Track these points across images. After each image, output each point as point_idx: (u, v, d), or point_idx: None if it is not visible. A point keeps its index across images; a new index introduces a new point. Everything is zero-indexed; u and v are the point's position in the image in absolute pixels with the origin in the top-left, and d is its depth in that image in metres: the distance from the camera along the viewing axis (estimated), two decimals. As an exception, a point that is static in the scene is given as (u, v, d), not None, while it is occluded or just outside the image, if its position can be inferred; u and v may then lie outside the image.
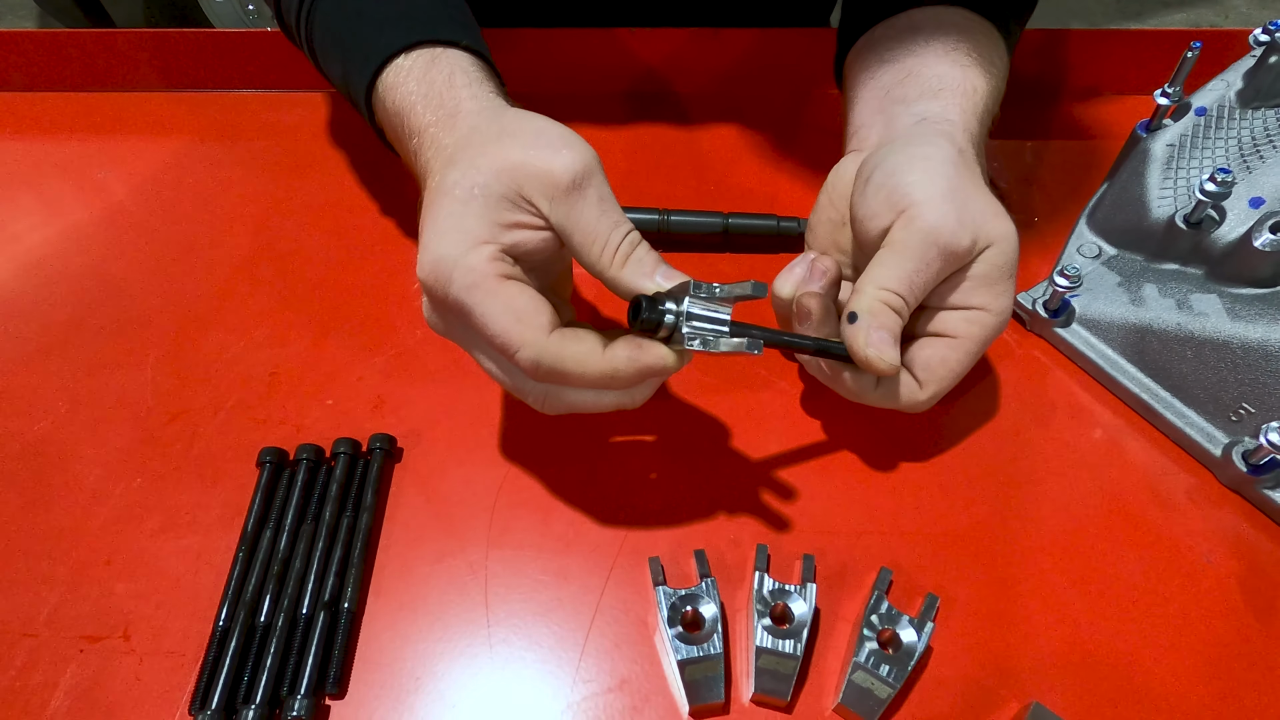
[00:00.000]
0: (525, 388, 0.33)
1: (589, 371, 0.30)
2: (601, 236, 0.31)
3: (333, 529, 0.37)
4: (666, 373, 0.31)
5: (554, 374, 0.31)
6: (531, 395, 0.33)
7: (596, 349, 0.31)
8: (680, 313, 0.30)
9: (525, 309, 0.30)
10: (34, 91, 0.60)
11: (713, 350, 0.30)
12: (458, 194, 0.31)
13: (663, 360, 0.31)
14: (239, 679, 0.32)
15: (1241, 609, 0.35)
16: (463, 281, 0.30)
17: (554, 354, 0.30)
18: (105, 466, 0.40)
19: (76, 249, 0.50)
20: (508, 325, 0.30)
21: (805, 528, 0.38)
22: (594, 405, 0.33)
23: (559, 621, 0.35)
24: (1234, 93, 0.43)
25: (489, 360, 0.34)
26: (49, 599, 0.36)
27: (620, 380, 0.31)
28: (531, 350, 0.30)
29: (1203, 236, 0.41)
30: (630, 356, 0.30)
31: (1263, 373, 0.37)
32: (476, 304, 0.30)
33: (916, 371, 0.36)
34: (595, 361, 0.30)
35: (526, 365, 0.30)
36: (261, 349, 0.45)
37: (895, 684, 0.31)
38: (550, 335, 0.30)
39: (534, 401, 0.33)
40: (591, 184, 0.32)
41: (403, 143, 0.38)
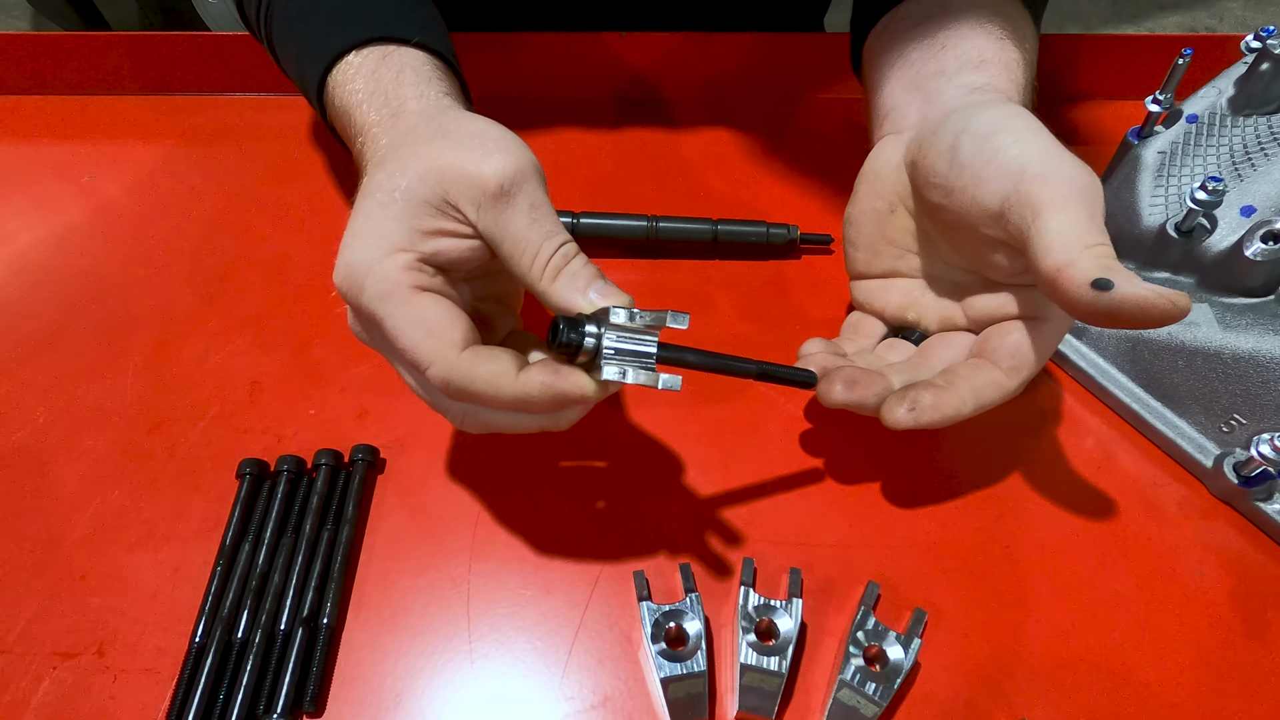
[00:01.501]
0: (443, 405, 0.32)
1: (501, 395, 0.28)
2: (532, 247, 0.30)
3: (313, 542, 0.36)
4: (586, 401, 0.29)
5: (465, 394, 0.29)
6: (450, 412, 0.32)
7: (510, 371, 0.29)
8: (600, 335, 0.28)
9: (437, 323, 0.29)
10: (17, 95, 0.59)
11: (629, 382, 0.28)
12: (379, 197, 0.30)
13: (580, 389, 0.28)
14: (215, 697, 0.32)
15: (1233, 622, 0.35)
16: (374, 290, 0.29)
17: (464, 373, 0.28)
18: (83, 477, 0.39)
19: (57, 255, 0.49)
20: (418, 339, 0.29)
21: (792, 541, 0.37)
22: (514, 427, 0.31)
23: (542, 637, 0.34)
24: (1225, 100, 0.43)
25: (406, 373, 0.32)
26: (22, 614, 0.35)
27: (534, 406, 0.29)
28: (441, 367, 0.28)
29: (1194, 245, 0.40)
30: (545, 383, 0.28)
31: (1254, 383, 0.37)
32: (388, 315, 0.29)
33: (1003, 359, 0.34)
34: (508, 385, 0.28)
35: (438, 383, 0.29)
36: (243, 357, 0.44)
37: (881, 702, 0.31)
38: (462, 353, 0.29)
39: (454, 419, 0.32)
40: (523, 191, 0.30)
41: (350, 142, 0.37)
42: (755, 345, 0.45)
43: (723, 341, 0.45)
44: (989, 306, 0.35)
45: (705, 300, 0.47)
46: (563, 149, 0.55)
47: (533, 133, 0.56)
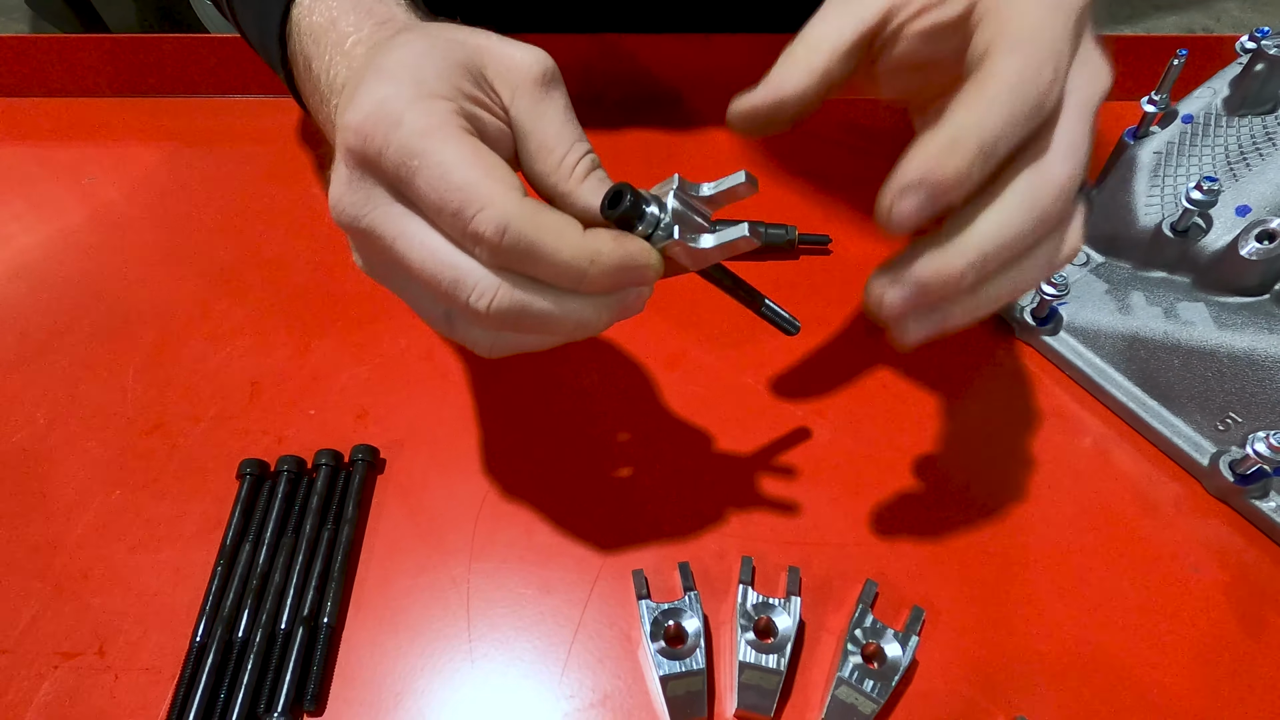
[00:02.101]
0: (462, 327, 0.28)
1: (565, 248, 0.24)
2: (564, 144, 0.27)
3: (313, 542, 0.36)
4: (645, 275, 0.26)
5: (520, 249, 0.24)
6: (473, 335, 0.28)
7: (575, 224, 0.25)
8: (665, 206, 0.26)
9: (496, 165, 0.25)
10: (16, 97, 0.59)
11: (697, 247, 0.26)
12: (409, 49, 0.26)
13: (646, 256, 0.26)
14: (215, 696, 0.32)
15: (1229, 619, 0.35)
16: (416, 124, 0.24)
17: (529, 218, 0.24)
18: (83, 478, 0.39)
19: (57, 256, 0.49)
20: (474, 177, 0.24)
21: (791, 539, 0.37)
22: (554, 326, 0.26)
23: (542, 636, 0.35)
24: (1220, 100, 0.43)
25: (416, 290, 0.28)
26: (24, 614, 0.35)
27: (598, 269, 0.25)
28: (501, 209, 0.24)
29: (1190, 244, 0.40)
30: (616, 242, 0.25)
31: (1249, 382, 0.37)
32: (431, 152, 0.24)
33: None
34: (573, 237, 0.25)
35: (491, 230, 0.24)
36: (243, 358, 0.44)
37: (879, 699, 0.31)
38: (525, 198, 0.25)
39: (478, 343, 0.28)
40: (559, 89, 0.28)
41: (314, 73, 0.32)
42: (752, 345, 0.45)
43: (720, 340, 0.45)
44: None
45: (703, 300, 0.47)
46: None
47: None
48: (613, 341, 0.45)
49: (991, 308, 0.29)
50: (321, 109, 0.33)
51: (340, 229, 0.28)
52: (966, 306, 0.29)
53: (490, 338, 0.28)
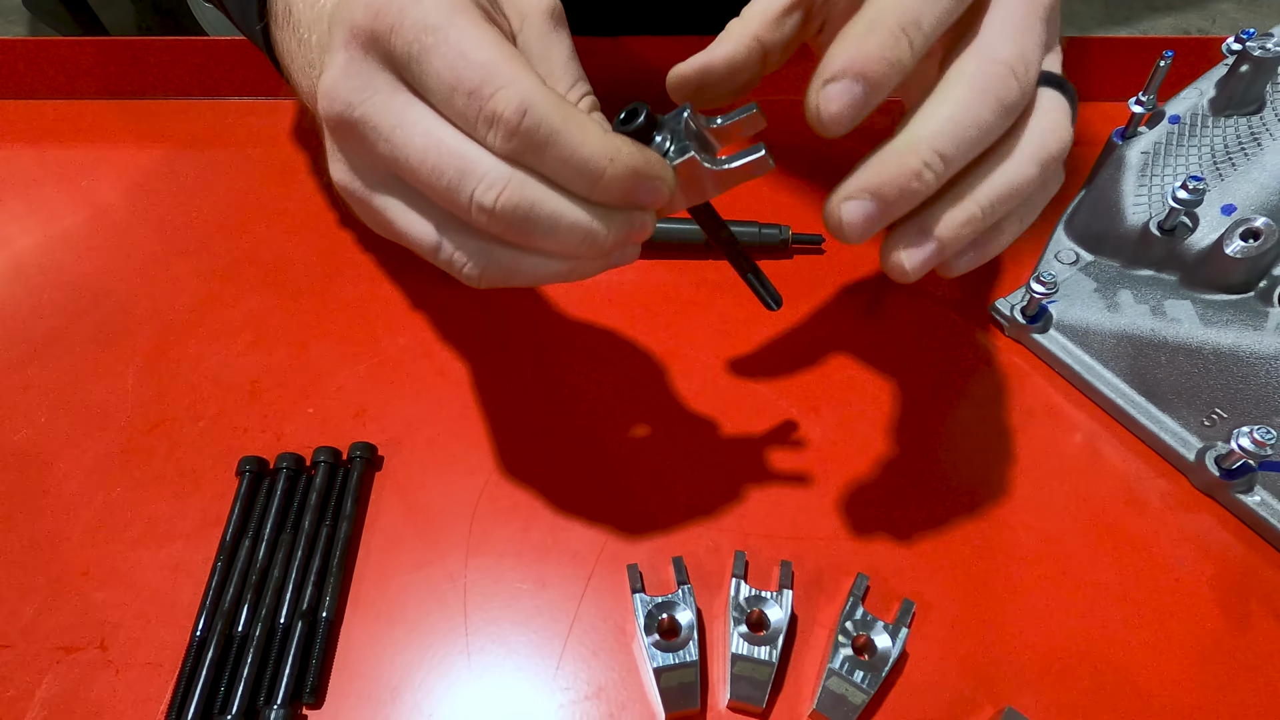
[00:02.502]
0: (460, 240, 0.26)
1: (588, 140, 0.23)
2: (569, 79, 0.27)
3: (312, 538, 0.37)
4: (659, 190, 0.25)
5: (541, 134, 0.23)
6: (464, 250, 0.26)
7: (596, 123, 0.24)
8: (678, 131, 0.26)
9: (517, 53, 0.24)
10: (15, 99, 0.60)
11: (714, 168, 0.25)
12: None
13: (662, 167, 0.25)
14: (216, 689, 0.32)
15: (1213, 611, 0.36)
16: (437, 3, 0.23)
17: (554, 102, 0.23)
18: (85, 475, 0.40)
19: (57, 256, 0.50)
20: (495, 56, 0.23)
21: (783, 534, 0.38)
22: (560, 236, 0.25)
23: (537, 629, 0.35)
24: (1207, 101, 0.44)
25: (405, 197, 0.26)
26: (26, 609, 0.35)
27: (615, 169, 0.24)
28: (523, 89, 0.23)
29: (1176, 243, 0.41)
30: (635, 146, 0.24)
31: (1234, 378, 0.37)
32: (451, 27, 0.23)
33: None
34: (597, 131, 0.24)
35: (510, 111, 0.23)
36: (243, 357, 0.45)
37: (869, 690, 0.31)
38: (547, 86, 0.24)
39: (467, 259, 0.26)
40: (566, 29, 0.28)
41: (298, 17, 0.31)
42: (745, 342, 0.45)
43: (719, 341, 0.45)
44: None
45: (698, 299, 0.48)
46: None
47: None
48: (608, 340, 0.45)
49: (989, 220, 0.27)
50: (300, 52, 0.32)
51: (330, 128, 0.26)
52: (957, 220, 0.27)
53: (484, 255, 0.26)
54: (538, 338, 0.46)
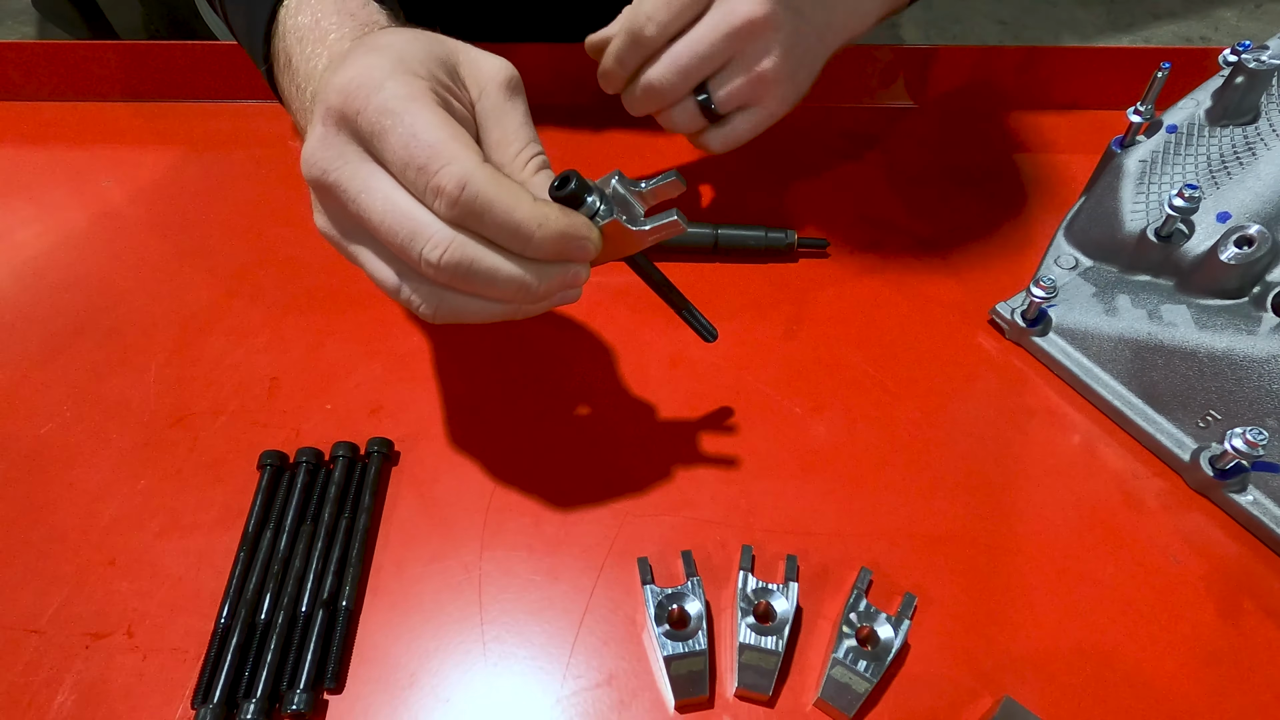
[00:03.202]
0: (416, 286, 0.30)
1: (518, 209, 0.27)
2: (521, 141, 0.31)
3: (331, 530, 0.38)
4: (585, 248, 0.30)
5: (478, 204, 0.27)
6: (419, 294, 0.30)
7: (526, 192, 0.28)
8: (606, 194, 0.30)
9: (461, 133, 0.28)
10: (37, 101, 0.61)
11: (634, 228, 0.30)
12: (395, 37, 0.30)
13: (588, 229, 0.29)
14: (240, 674, 0.34)
15: (1207, 606, 0.37)
16: (394, 91, 0.27)
17: (488, 178, 0.27)
18: (109, 468, 0.41)
19: (79, 256, 0.51)
20: (441, 137, 0.27)
21: (789, 529, 0.39)
22: (483, 312, 0.30)
23: (550, 620, 0.36)
24: (1203, 111, 0.45)
25: (371, 247, 0.30)
26: (54, 597, 0.37)
27: (544, 233, 0.28)
28: (462, 167, 0.27)
29: (1173, 249, 0.42)
30: (562, 212, 0.29)
31: (1228, 381, 0.38)
32: (406, 113, 0.27)
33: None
34: (527, 201, 0.28)
35: (451, 185, 0.27)
36: (261, 355, 0.46)
37: (872, 679, 0.32)
38: (485, 163, 0.28)
39: (421, 301, 0.30)
40: (521, 97, 0.32)
41: (294, 65, 0.36)
42: (754, 347, 0.46)
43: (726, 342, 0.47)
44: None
45: (705, 301, 0.49)
46: (566, 154, 0.57)
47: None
48: (617, 341, 0.47)
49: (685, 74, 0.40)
50: (297, 98, 0.36)
51: (311, 187, 0.30)
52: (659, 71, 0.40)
53: (436, 298, 0.30)
54: (549, 336, 0.47)
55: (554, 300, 0.32)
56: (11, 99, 0.61)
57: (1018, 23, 2.15)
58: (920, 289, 0.50)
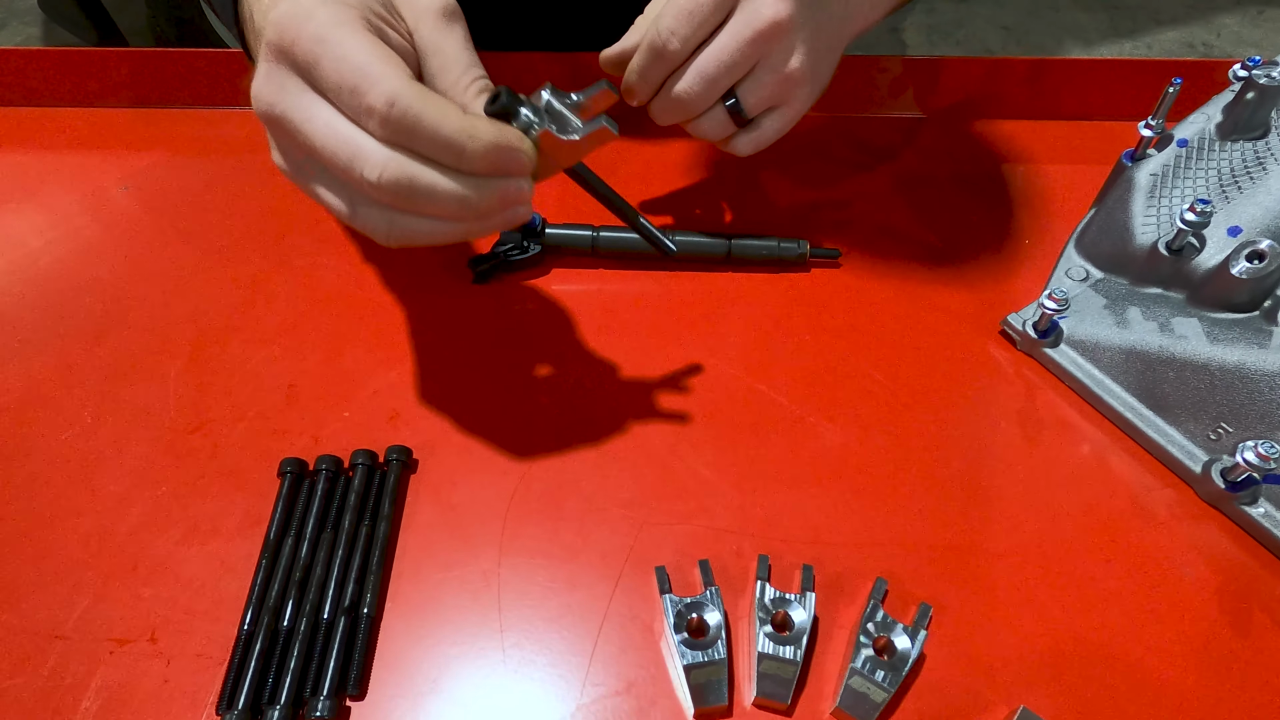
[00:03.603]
0: (363, 210, 0.31)
1: (446, 124, 0.28)
2: (462, 65, 0.32)
3: (351, 537, 0.38)
4: (520, 160, 0.30)
5: (407, 122, 0.28)
6: (372, 218, 0.31)
7: (456, 108, 0.29)
8: (540, 108, 0.31)
9: (390, 55, 0.29)
10: (52, 107, 0.62)
11: (565, 137, 0.31)
12: None
13: (520, 140, 0.30)
14: (264, 680, 0.34)
15: (1219, 618, 0.37)
16: (323, 19, 0.29)
17: (415, 95, 0.28)
18: (130, 475, 0.41)
19: (94, 263, 0.51)
20: (371, 59, 0.28)
21: (804, 539, 0.39)
22: (434, 233, 0.31)
23: (569, 627, 0.37)
24: (1214, 126, 0.45)
25: (323, 178, 0.32)
26: (78, 603, 0.37)
27: (476, 145, 0.29)
28: (390, 86, 0.28)
29: (1184, 263, 0.42)
30: (492, 125, 0.30)
31: (1240, 394, 0.39)
32: (339, 41, 0.28)
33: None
34: (455, 117, 0.29)
35: (380, 104, 0.28)
36: (279, 362, 0.46)
37: (890, 689, 0.33)
38: (414, 81, 0.29)
39: (374, 226, 0.32)
40: (460, 22, 0.32)
41: (254, 20, 0.36)
42: (768, 355, 0.47)
43: (738, 350, 0.47)
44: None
45: (718, 311, 0.49)
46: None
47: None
48: (632, 349, 0.47)
49: (711, 85, 0.41)
50: (255, 46, 0.36)
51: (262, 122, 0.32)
52: (685, 84, 0.41)
53: (387, 220, 0.31)
54: (565, 345, 0.47)
55: (504, 218, 0.32)
56: (23, 105, 0.62)
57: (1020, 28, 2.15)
58: (931, 299, 0.50)
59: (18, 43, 2.04)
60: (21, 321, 0.48)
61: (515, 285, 0.50)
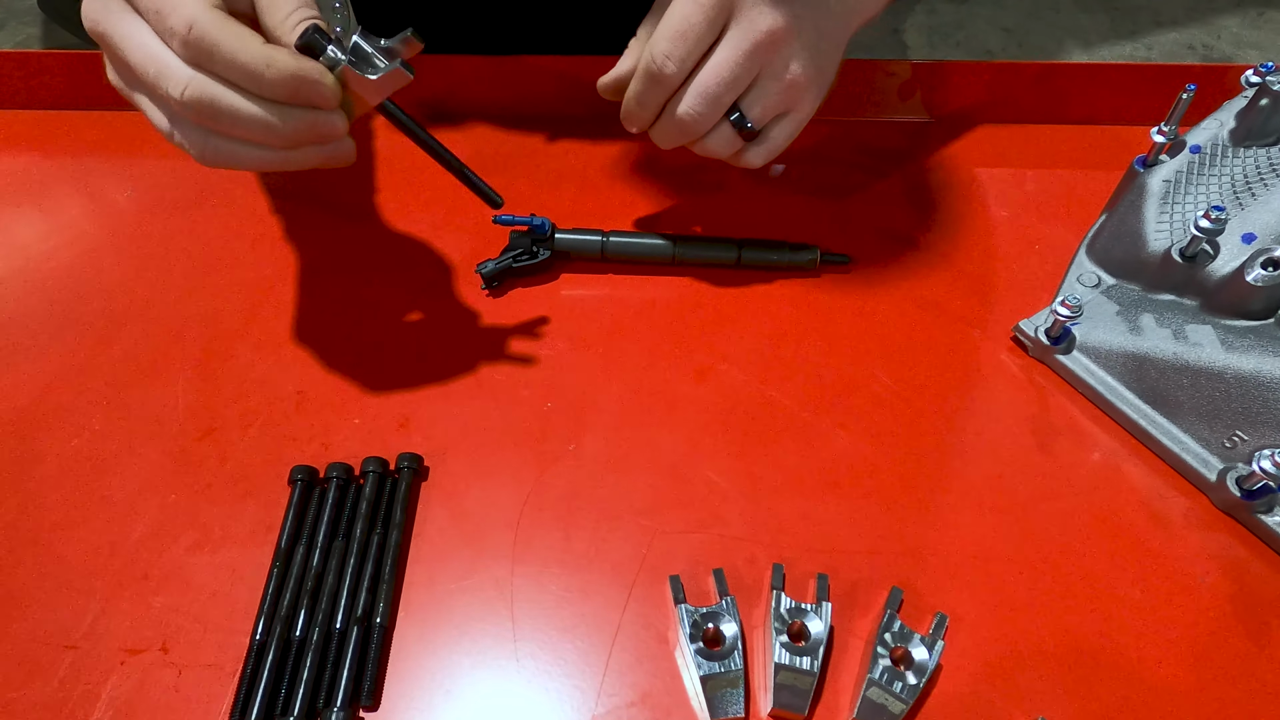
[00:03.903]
0: (178, 126, 0.33)
1: (243, 50, 0.30)
2: (290, 4, 0.33)
3: (363, 545, 0.38)
4: (321, 92, 0.32)
5: (205, 45, 0.30)
6: (189, 136, 0.33)
7: (258, 39, 0.31)
8: (347, 47, 0.33)
9: None
10: (59, 110, 0.61)
11: (366, 75, 0.33)
12: None
13: (320, 73, 0.32)
14: (276, 691, 0.34)
15: (1235, 628, 0.37)
16: None
17: (213, 22, 0.30)
18: (139, 482, 0.41)
19: (101, 269, 0.51)
20: None
21: (817, 547, 0.39)
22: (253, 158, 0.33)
23: (583, 637, 0.36)
24: (1227, 132, 0.45)
25: (147, 94, 0.34)
26: (88, 612, 0.37)
27: (273, 73, 0.31)
28: (189, 11, 0.30)
29: (1197, 270, 0.42)
30: (293, 56, 0.31)
31: (1255, 402, 0.39)
32: None
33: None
34: (254, 46, 0.31)
35: (179, 27, 0.30)
36: (288, 368, 0.46)
37: (908, 700, 0.33)
38: (216, 9, 0.31)
39: (191, 143, 0.34)
40: None
41: None
42: (778, 362, 0.47)
43: (749, 356, 0.47)
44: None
45: (728, 316, 0.49)
46: (589, 167, 0.58)
47: (557, 150, 0.58)
48: (642, 356, 0.47)
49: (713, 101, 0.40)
50: None
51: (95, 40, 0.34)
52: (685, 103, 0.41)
53: (200, 139, 0.34)
54: (575, 351, 0.47)
55: (322, 154, 0.35)
56: (25, 108, 0.61)
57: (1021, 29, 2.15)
58: (942, 304, 0.50)
59: (17, 42, 2.03)
60: (29, 327, 0.48)
61: (524, 291, 0.50)
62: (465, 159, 0.40)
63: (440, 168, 0.40)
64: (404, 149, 0.58)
